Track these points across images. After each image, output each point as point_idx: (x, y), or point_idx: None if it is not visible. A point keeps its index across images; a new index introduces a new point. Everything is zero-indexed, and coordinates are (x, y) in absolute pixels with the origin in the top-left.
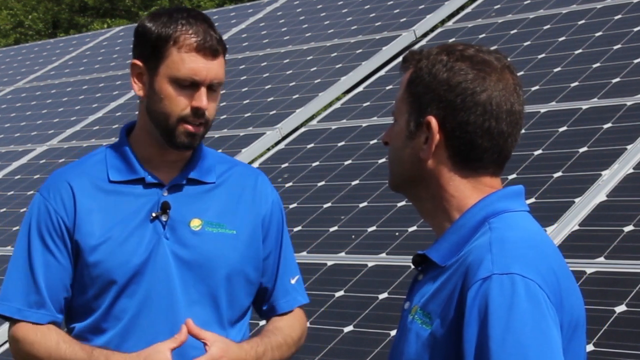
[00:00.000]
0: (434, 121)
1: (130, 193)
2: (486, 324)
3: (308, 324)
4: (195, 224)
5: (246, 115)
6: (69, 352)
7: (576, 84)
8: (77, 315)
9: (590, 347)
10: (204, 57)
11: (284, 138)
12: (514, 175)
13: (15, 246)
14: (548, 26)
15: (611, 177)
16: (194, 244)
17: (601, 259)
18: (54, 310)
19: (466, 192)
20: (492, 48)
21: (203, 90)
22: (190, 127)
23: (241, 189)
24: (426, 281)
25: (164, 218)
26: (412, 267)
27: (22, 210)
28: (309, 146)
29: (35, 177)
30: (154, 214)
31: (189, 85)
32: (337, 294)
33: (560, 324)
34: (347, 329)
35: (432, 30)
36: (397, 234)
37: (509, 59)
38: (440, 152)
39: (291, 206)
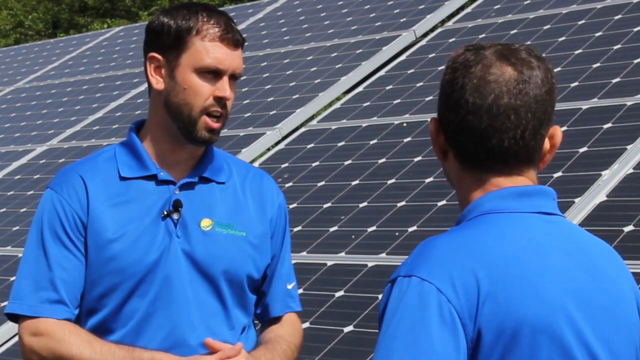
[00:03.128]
0: (432, 123)
1: (142, 189)
2: (380, 326)
3: (308, 324)
4: (206, 223)
5: (246, 115)
6: (105, 350)
7: (576, 84)
8: (81, 314)
9: None
10: (227, 46)
11: (284, 138)
12: None
13: (26, 245)
14: (548, 26)
15: (611, 177)
16: (204, 244)
17: None
18: (71, 306)
19: (474, 193)
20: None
21: (225, 79)
22: (210, 122)
23: (250, 190)
24: None
25: (175, 216)
26: None
27: (22, 210)
28: (309, 146)
29: (35, 177)
30: (165, 212)
31: (211, 75)
32: (337, 294)
33: (478, 330)
34: (347, 329)
35: (432, 30)
36: (397, 234)
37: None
38: (450, 154)
39: (291, 206)
